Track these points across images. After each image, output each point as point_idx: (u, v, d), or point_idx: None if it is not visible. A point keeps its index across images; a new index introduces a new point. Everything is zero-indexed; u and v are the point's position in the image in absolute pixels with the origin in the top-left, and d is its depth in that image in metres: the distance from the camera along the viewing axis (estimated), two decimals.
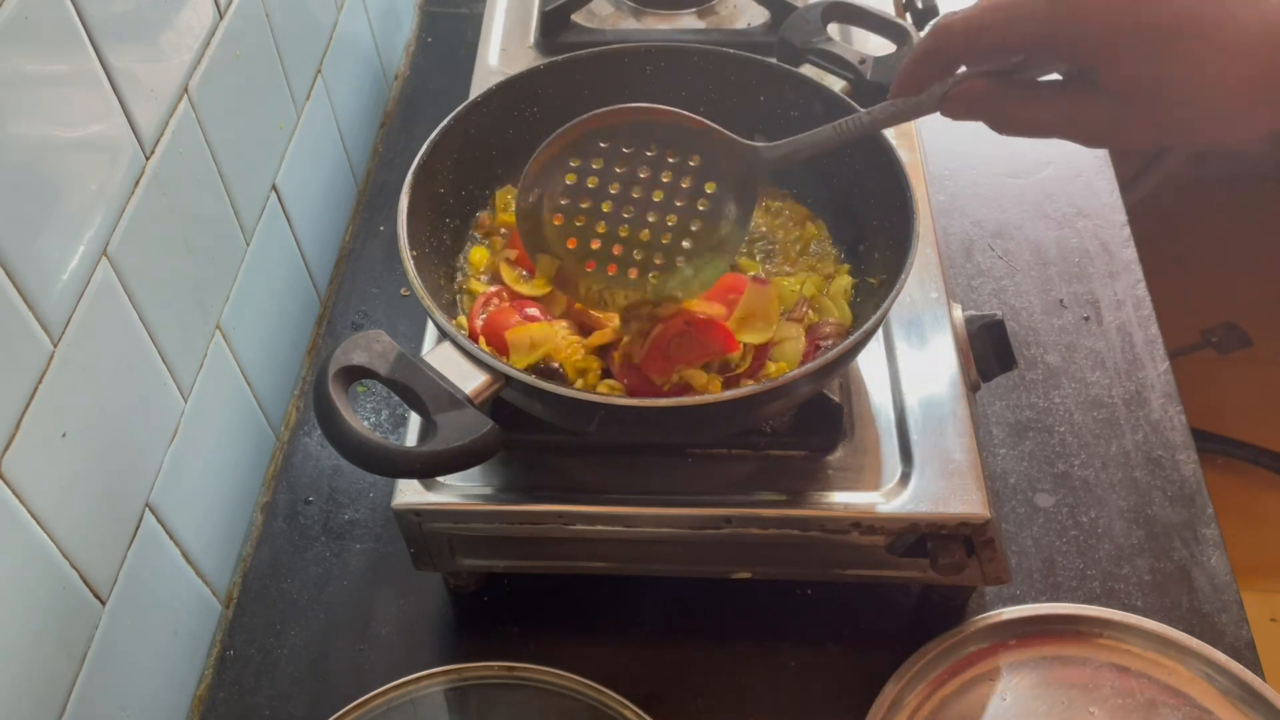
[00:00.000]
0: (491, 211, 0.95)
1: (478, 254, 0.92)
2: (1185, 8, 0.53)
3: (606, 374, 0.83)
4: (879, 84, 0.92)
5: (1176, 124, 0.57)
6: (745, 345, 0.83)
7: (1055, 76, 0.62)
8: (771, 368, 0.83)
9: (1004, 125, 0.64)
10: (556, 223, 0.80)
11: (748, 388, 0.76)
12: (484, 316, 0.86)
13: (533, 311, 0.85)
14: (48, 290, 0.72)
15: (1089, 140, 0.60)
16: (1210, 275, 2.36)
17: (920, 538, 0.83)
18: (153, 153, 0.84)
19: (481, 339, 0.84)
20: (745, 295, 0.82)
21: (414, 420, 0.88)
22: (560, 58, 0.96)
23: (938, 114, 0.67)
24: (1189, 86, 0.54)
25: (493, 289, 0.88)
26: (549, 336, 0.83)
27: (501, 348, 0.83)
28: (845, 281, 0.90)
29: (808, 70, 0.96)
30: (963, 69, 0.64)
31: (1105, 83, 0.56)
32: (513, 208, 0.90)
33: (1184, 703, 0.88)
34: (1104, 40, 0.55)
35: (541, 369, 0.82)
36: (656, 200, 0.79)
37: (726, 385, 0.81)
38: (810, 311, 0.88)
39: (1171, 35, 0.53)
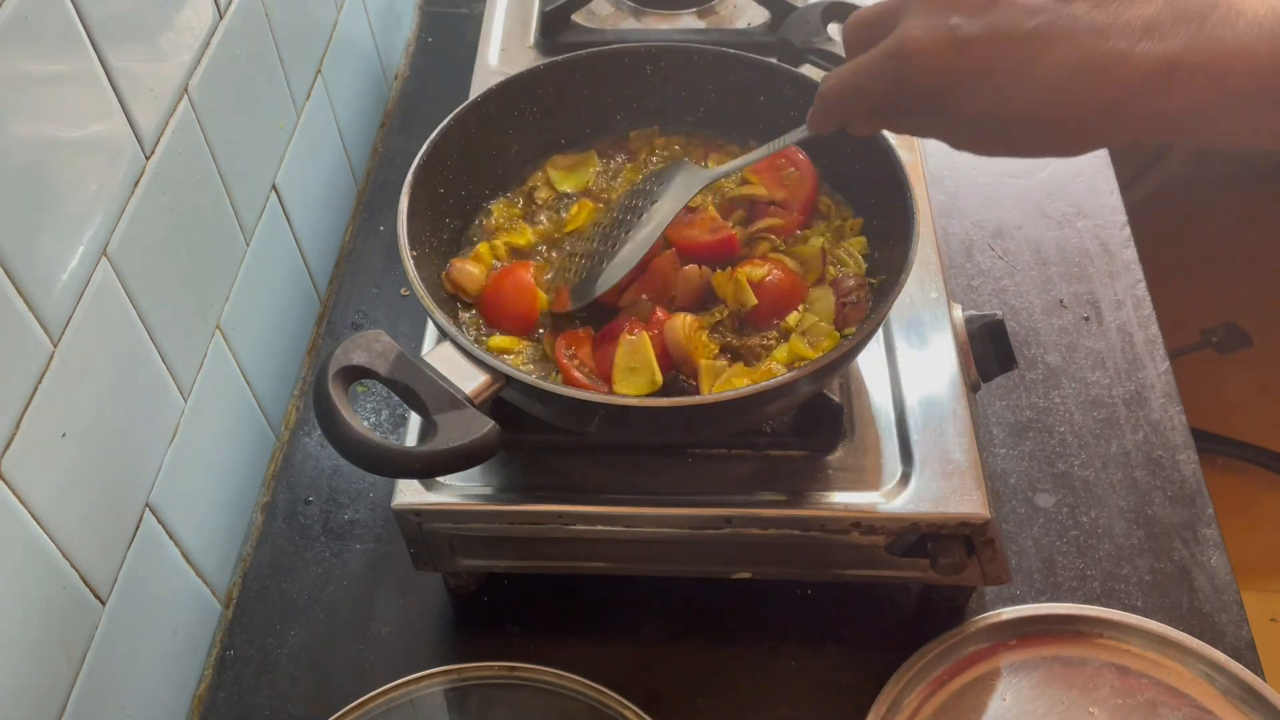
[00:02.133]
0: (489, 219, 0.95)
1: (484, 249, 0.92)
2: (998, 51, 0.60)
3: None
4: None
5: (1021, 143, 0.65)
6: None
7: None
8: (796, 339, 0.85)
9: (895, 130, 0.74)
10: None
11: (748, 388, 0.76)
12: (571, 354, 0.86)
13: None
14: (48, 290, 0.72)
15: (959, 147, 0.69)
16: (1210, 275, 2.36)
17: (920, 538, 0.83)
18: (153, 153, 0.84)
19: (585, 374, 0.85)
20: (620, 348, 0.83)
21: (414, 420, 0.88)
22: (560, 58, 0.96)
23: None
24: (1016, 116, 0.62)
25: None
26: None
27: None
28: (859, 241, 0.91)
29: (808, 70, 0.96)
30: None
31: (955, 110, 0.64)
32: (510, 222, 0.95)
33: (1184, 703, 0.88)
34: (936, 82, 0.63)
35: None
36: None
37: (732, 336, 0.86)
38: (831, 267, 0.90)
39: (989, 75, 0.61)
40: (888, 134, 0.88)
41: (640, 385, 0.81)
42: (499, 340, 0.87)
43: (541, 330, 0.88)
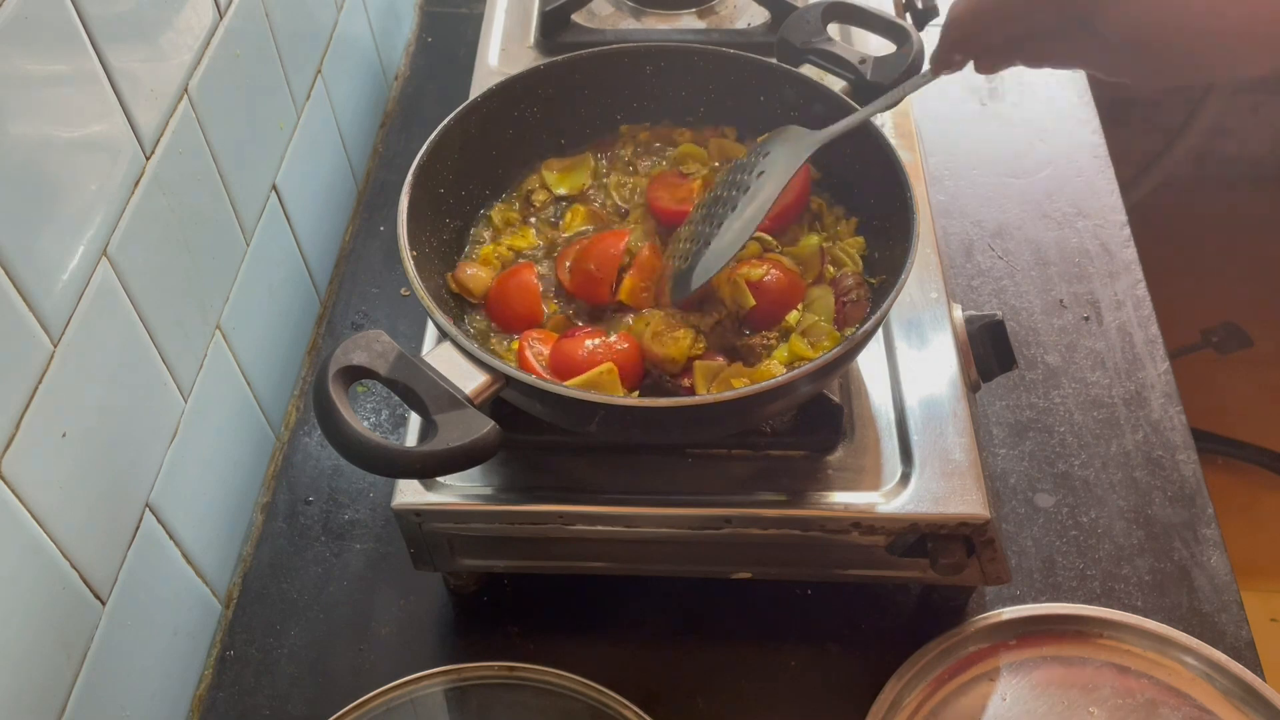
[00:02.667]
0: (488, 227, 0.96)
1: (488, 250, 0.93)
2: None
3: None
4: (879, 84, 0.91)
5: (1178, 63, 0.58)
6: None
7: None
8: (796, 339, 0.85)
9: (1026, 63, 0.67)
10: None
11: (748, 388, 0.76)
12: (536, 351, 0.85)
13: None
14: (48, 290, 0.72)
15: (1107, 73, 0.62)
16: (1210, 275, 2.36)
17: (920, 538, 0.83)
18: (153, 153, 0.84)
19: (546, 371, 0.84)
20: (591, 373, 0.82)
21: (414, 420, 0.88)
22: (560, 58, 0.96)
23: (938, 115, 0.68)
24: (1182, 27, 0.55)
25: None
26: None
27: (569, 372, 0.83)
28: (857, 241, 0.91)
29: (808, 70, 0.96)
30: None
31: (1104, 29, 0.58)
32: (509, 225, 0.95)
33: (1184, 703, 0.88)
34: None
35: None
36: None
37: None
38: (830, 266, 0.89)
39: None
40: (888, 134, 0.88)
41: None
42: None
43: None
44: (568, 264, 0.91)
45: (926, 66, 0.76)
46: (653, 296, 0.87)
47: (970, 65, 0.71)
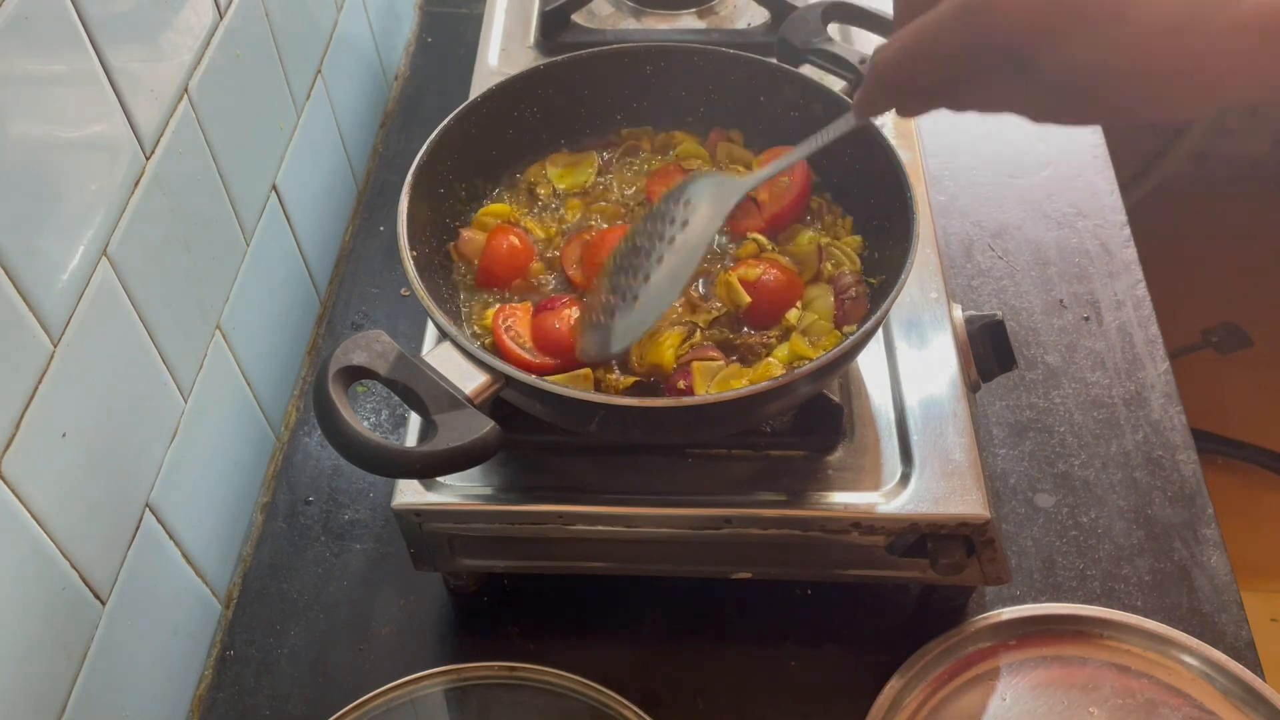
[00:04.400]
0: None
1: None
2: None
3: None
4: None
5: (1113, 105, 0.56)
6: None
7: None
8: (797, 338, 0.85)
9: (957, 108, 0.64)
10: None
11: (748, 388, 0.76)
12: (508, 324, 0.86)
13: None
14: (48, 290, 0.72)
15: (1035, 117, 0.60)
16: (1210, 275, 2.36)
17: (920, 538, 0.83)
18: (153, 153, 0.84)
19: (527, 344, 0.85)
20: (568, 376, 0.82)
21: (414, 420, 0.88)
22: (560, 58, 0.96)
23: (938, 115, 0.67)
24: (1117, 70, 0.54)
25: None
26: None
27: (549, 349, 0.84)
28: (855, 240, 0.91)
29: (808, 70, 0.96)
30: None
31: (1040, 73, 0.56)
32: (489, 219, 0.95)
33: (1184, 703, 0.88)
34: (1024, 35, 0.55)
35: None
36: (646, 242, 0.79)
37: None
38: (828, 265, 0.90)
39: (1087, 21, 0.53)
40: (888, 134, 0.88)
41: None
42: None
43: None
44: (575, 259, 0.90)
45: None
46: None
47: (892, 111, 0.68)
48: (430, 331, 0.93)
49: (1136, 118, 0.57)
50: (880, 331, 0.92)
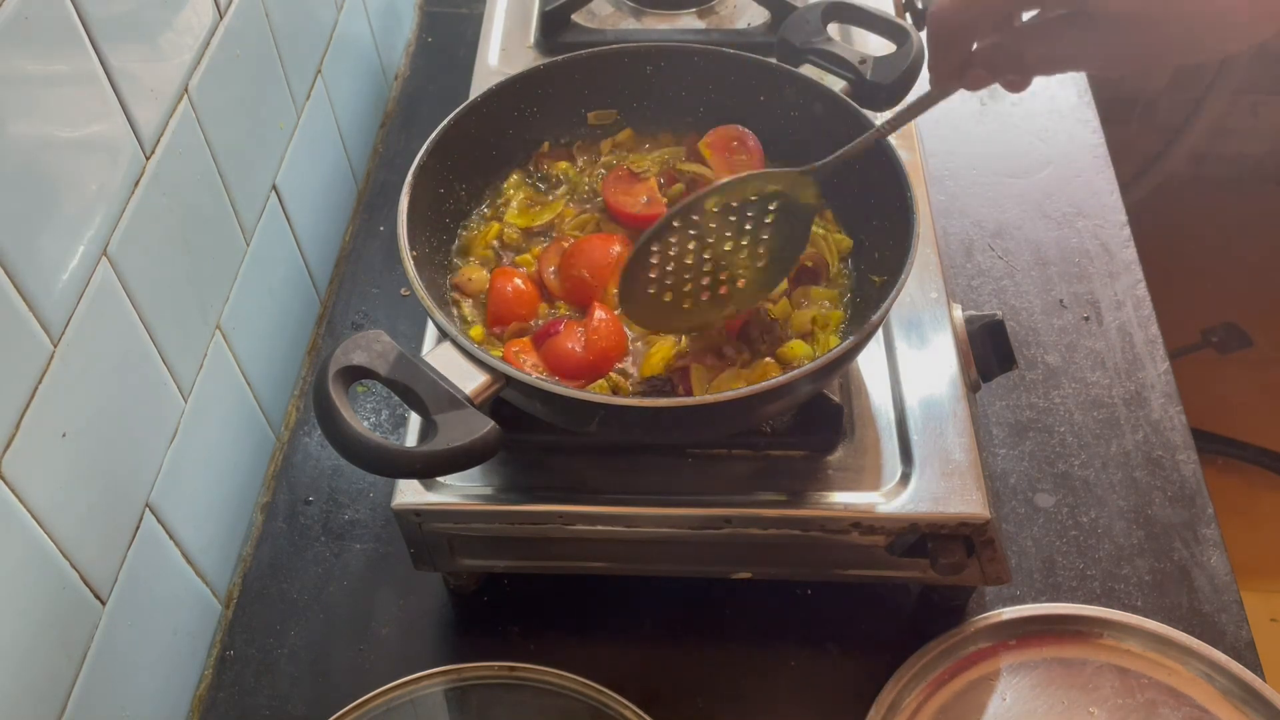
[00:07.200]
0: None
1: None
2: None
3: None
4: (879, 84, 0.91)
5: (1175, 41, 0.56)
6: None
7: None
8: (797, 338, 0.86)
9: (1023, 69, 0.64)
10: (651, 292, 0.83)
11: (747, 388, 0.76)
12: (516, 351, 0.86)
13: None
14: (48, 290, 0.72)
15: (1103, 68, 0.60)
16: (1210, 275, 2.36)
17: (920, 538, 0.83)
18: (153, 153, 0.84)
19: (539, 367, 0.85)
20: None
21: (414, 420, 0.88)
22: (560, 58, 0.96)
23: (938, 115, 0.68)
24: (1176, 7, 0.54)
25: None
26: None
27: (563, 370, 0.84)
28: (843, 240, 0.92)
29: (808, 70, 0.96)
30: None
31: (1097, 10, 0.56)
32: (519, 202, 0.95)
33: (1184, 703, 0.88)
34: None
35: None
36: (728, 241, 0.83)
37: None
38: (829, 260, 0.90)
39: None
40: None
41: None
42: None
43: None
44: (551, 269, 0.90)
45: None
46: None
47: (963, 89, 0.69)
48: (430, 331, 0.93)
49: (1195, 54, 0.57)
50: (880, 331, 0.92)
